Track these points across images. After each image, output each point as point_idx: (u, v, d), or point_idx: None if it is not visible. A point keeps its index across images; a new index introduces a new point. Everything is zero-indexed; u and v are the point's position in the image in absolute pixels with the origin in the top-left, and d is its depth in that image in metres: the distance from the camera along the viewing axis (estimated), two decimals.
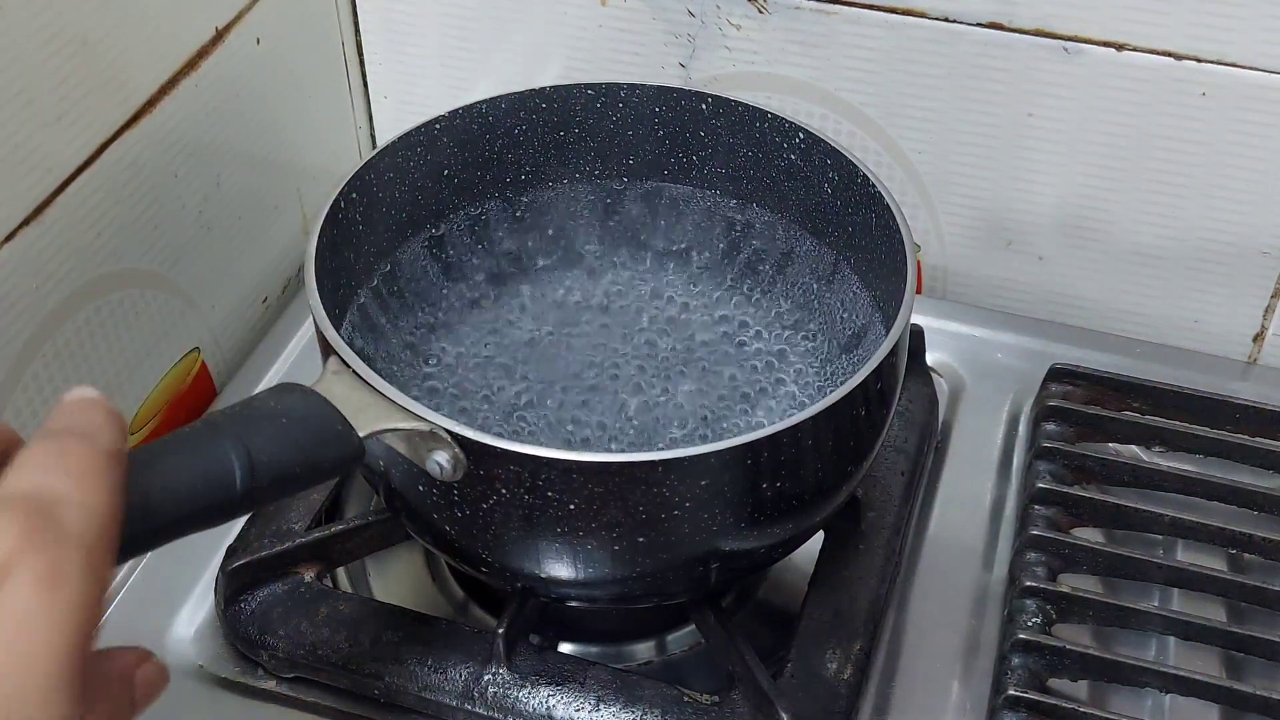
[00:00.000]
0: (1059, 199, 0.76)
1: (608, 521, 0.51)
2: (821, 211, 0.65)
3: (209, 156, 0.71)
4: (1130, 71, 0.70)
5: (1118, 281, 0.78)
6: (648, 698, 0.57)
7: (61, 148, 0.61)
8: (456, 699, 0.58)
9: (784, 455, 0.51)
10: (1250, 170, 0.71)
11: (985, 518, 0.68)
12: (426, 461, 0.49)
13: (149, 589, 0.64)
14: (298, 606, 0.60)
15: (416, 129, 0.64)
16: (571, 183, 0.69)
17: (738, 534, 0.53)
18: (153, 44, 0.65)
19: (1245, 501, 0.67)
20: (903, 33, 0.73)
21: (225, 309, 0.76)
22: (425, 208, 0.66)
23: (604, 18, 0.77)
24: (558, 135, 0.68)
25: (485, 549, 0.54)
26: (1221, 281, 0.76)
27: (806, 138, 0.64)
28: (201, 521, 0.43)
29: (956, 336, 0.77)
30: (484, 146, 0.66)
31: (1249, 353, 0.78)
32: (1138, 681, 0.60)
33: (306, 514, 0.64)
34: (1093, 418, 0.70)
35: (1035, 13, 0.70)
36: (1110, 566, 0.64)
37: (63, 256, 0.62)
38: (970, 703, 0.60)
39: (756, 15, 0.74)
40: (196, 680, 0.60)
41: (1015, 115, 0.74)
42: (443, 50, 0.82)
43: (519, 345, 0.66)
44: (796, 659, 0.59)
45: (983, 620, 0.63)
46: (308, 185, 0.82)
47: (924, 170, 0.77)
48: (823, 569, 0.62)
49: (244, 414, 0.45)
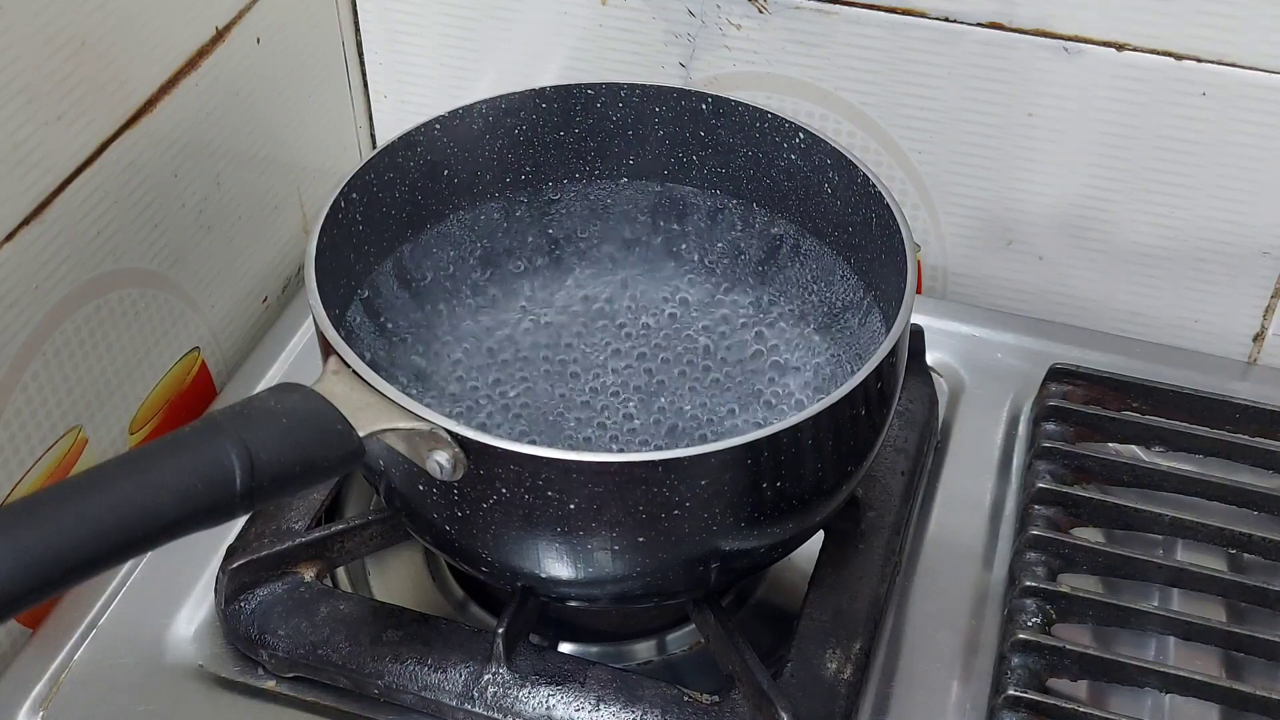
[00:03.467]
0: (1059, 199, 0.76)
1: (608, 521, 0.51)
2: (821, 211, 0.65)
3: (209, 156, 0.71)
4: (1130, 71, 0.70)
5: (1118, 281, 0.78)
6: (648, 698, 0.57)
7: (61, 147, 0.61)
8: (456, 698, 0.58)
9: (784, 455, 0.51)
10: (1250, 170, 0.71)
11: (985, 518, 0.68)
12: (426, 461, 0.50)
13: (149, 589, 0.64)
14: (298, 606, 0.60)
15: (416, 129, 0.64)
16: (572, 182, 0.69)
17: (738, 534, 0.53)
18: (153, 44, 0.65)
19: (1245, 501, 0.67)
20: (903, 33, 0.73)
21: (225, 309, 0.76)
22: (425, 208, 0.66)
23: (604, 18, 0.77)
24: (558, 135, 0.68)
25: (485, 549, 0.54)
26: (1221, 281, 0.76)
27: (806, 138, 0.64)
28: (201, 521, 0.43)
29: (956, 336, 0.77)
30: (484, 146, 0.66)
31: (1249, 353, 0.78)
32: (1137, 681, 0.60)
33: (306, 514, 0.64)
34: (1093, 418, 0.70)
35: (1035, 13, 0.70)
36: (1110, 566, 0.64)
37: (63, 256, 0.62)
38: (970, 703, 0.60)
39: (756, 15, 0.74)
40: (196, 680, 0.60)
41: (1015, 115, 0.74)
42: (443, 50, 0.82)
43: (519, 344, 0.66)
44: (796, 659, 0.59)
45: (982, 620, 0.63)
46: (308, 185, 0.82)
47: (924, 170, 0.77)
48: (823, 569, 0.62)
49: (244, 413, 0.45)
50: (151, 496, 0.41)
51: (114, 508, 0.41)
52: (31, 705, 0.59)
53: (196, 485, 0.42)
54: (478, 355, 0.65)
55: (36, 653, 0.61)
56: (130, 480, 0.42)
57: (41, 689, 0.60)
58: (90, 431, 0.66)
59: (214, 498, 0.43)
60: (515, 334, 0.66)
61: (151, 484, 0.42)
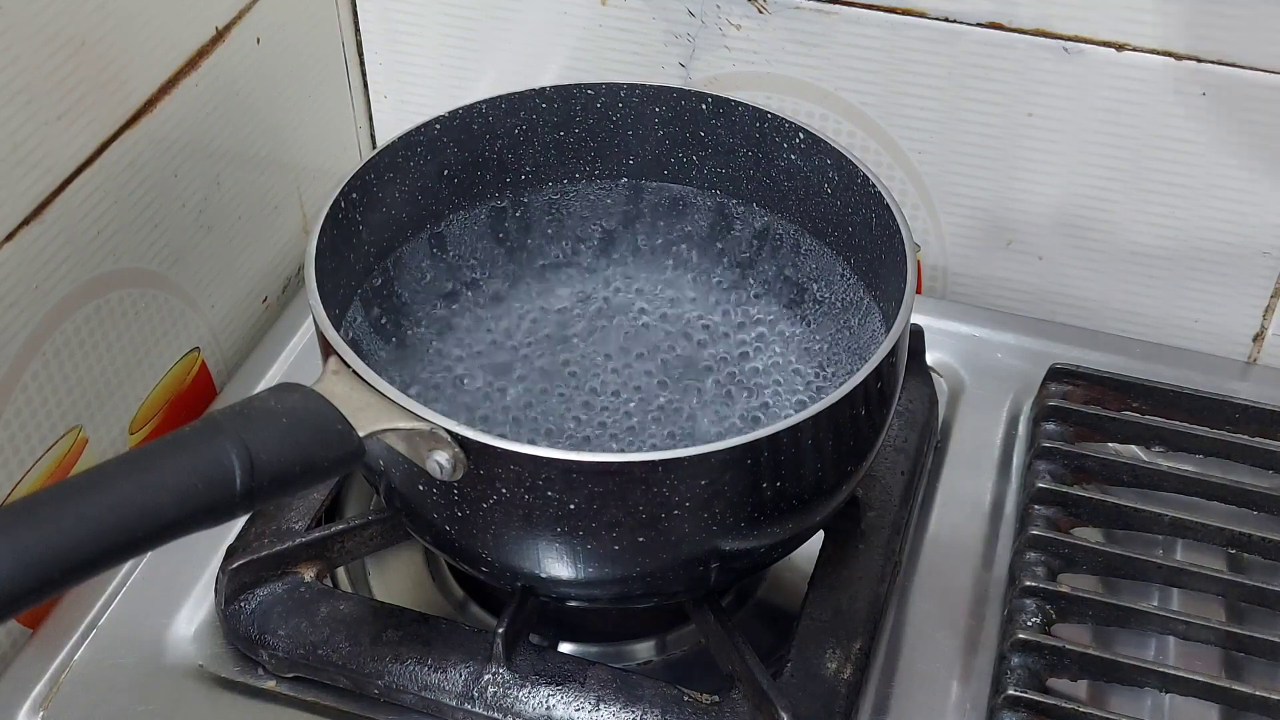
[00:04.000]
0: (1059, 199, 0.76)
1: (608, 521, 0.51)
2: (821, 211, 0.65)
3: (209, 156, 0.71)
4: (1130, 71, 0.70)
5: (1118, 281, 0.78)
6: (648, 698, 0.57)
7: (61, 147, 0.61)
8: (456, 699, 0.58)
9: (784, 455, 0.51)
10: (1250, 170, 0.71)
11: (985, 518, 0.68)
12: (426, 461, 0.50)
13: (149, 589, 0.64)
14: (298, 606, 0.60)
15: (416, 129, 0.64)
16: (572, 183, 0.69)
17: (738, 534, 0.53)
18: (152, 44, 0.65)
19: (1245, 501, 0.67)
20: (903, 33, 0.73)
21: (225, 309, 0.76)
22: (425, 208, 0.66)
23: (604, 18, 0.77)
24: (558, 135, 0.68)
25: (485, 549, 0.54)
26: (1221, 281, 0.76)
27: (806, 138, 0.64)
28: (201, 521, 0.43)
29: (956, 336, 0.77)
30: (484, 146, 0.66)
31: (1249, 353, 0.78)
32: (1137, 681, 0.60)
33: (306, 514, 0.64)
34: (1092, 418, 0.70)
35: (1035, 13, 0.70)
36: (1110, 566, 0.64)
37: (63, 256, 0.62)
38: (970, 702, 0.60)
39: (756, 15, 0.74)
40: (196, 680, 0.60)
41: (1015, 115, 0.74)
42: (443, 50, 0.82)
43: (519, 344, 0.66)
44: (796, 659, 0.59)
45: (982, 620, 0.63)
46: (308, 185, 0.82)
47: (924, 170, 0.77)
48: (823, 569, 0.62)
49: (244, 413, 0.45)
50: (151, 496, 0.41)
51: (114, 508, 0.41)
52: (31, 705, 0.59)
53: (196, 485, 0.42)
54: (478, 354, 0.65)
55: (36, 653, 0.61)
56: (130, 480, 0.42)
57: (41, 689, 0.60)
58: (90, 431, 0.66)
59: (214, 498, 0.43)
60: (515, 333, 0.66)
61: (151, 484, 0.42)
